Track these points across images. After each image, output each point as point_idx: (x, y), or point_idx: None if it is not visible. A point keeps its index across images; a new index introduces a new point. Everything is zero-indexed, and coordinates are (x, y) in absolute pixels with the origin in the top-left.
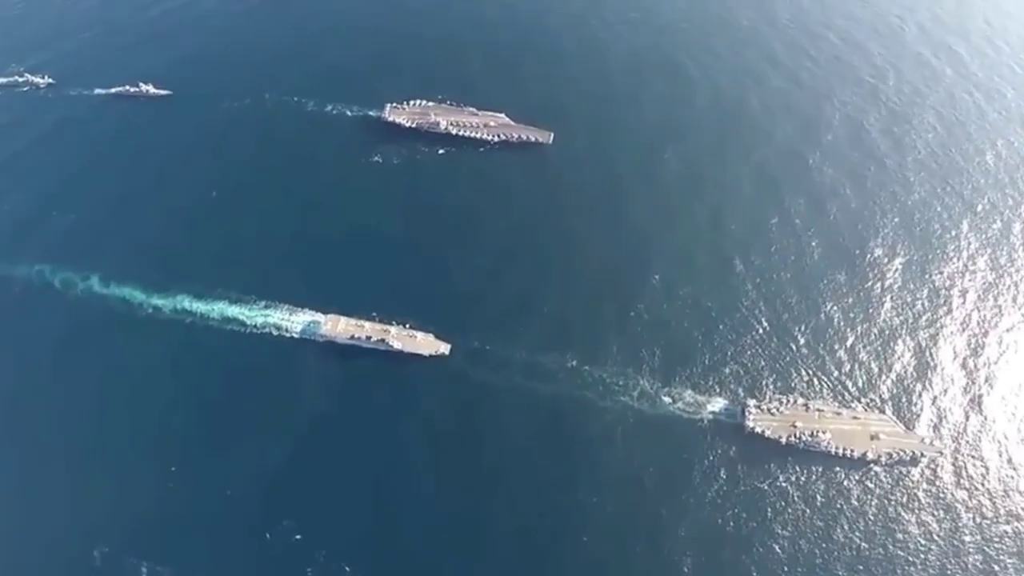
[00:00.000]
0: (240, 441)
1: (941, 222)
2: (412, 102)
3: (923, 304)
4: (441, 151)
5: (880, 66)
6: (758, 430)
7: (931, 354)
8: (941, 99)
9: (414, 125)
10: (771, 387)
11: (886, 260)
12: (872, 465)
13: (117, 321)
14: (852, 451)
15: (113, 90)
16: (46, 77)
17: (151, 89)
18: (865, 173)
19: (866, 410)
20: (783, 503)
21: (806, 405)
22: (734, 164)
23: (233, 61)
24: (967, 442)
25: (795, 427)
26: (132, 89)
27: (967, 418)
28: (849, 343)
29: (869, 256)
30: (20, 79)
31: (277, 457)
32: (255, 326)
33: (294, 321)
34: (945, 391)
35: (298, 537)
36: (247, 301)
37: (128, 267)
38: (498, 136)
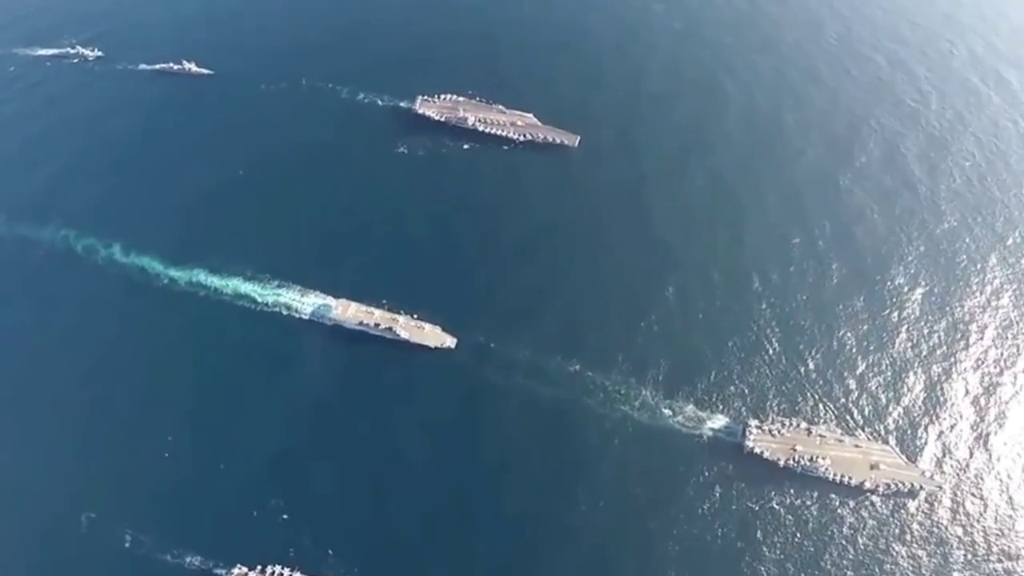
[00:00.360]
0: (239, 417)
1: (968, 253)
2: (443, 96)
3: (940, 337)
4: (466, 146)
5: (924, 90)
6: (757, 450)
7: (942, 388)
8: (984, 127)
9: (443, 119)
10: (775, 409)
11: (907, 289)
12: (869, 494)
13: (133, 290)
14: (850, 479)
15: (157, 66)
16: (95, 50)
17: (193, 68)
18: (895, 198)
19: (869, 439)
20: (775, 525)
21: (808, 430)
22: (762, 180)
23: (274, 46)
24: (969, 479)
25: (795, 450)
26: (175, 66)
27: (971, 455)
28: (859, 371)
29: (890, 283)
30: (72, 51)
31: (274, 436)
32: (266, 304)
33: (305, 302)
34: (952, 426)
35: (285, 517)
36: (261, 279)
37: (150, 238)
38: (524, 136)
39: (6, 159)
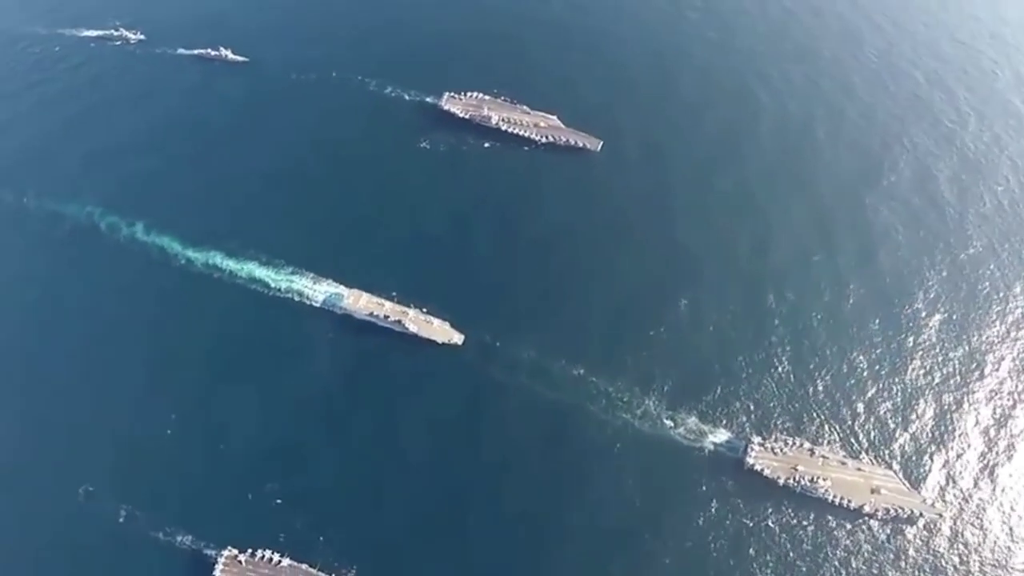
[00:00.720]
0: (243, 400)
1: (992, 281)
2: (469, 93)
3: (955, 365)
4: (487, 144)
5: (963, 110)
6: (758, 467)
7: (952, 417)
8: (1022, 151)
9: (467, 116)
10: (779, 427)
11: (925, 314)
12: (867, 518)
13: (151, 268)
14: (850, 502)
15: (195, 51)
16: (138, 33)
17: (229, 54)
18: (922, 220)
19: (872, 463)
20: (769, 543)
21: (811, 450)
22: (787, 195)
23: (309, 37)
24: (971, 509)
25: (796, 470)
26: (212, 52)
27: (976, 485)
28: (869, 394)
29: (908, 308)
30: (115, 33)
31: (276, 421)
32: (279, 290)
33: (317, 290)
34: (959, 456)
35: (279, 502)
36: (275, 265)
37: (172, 219)
38: (546, 137)
39: (45, 137)
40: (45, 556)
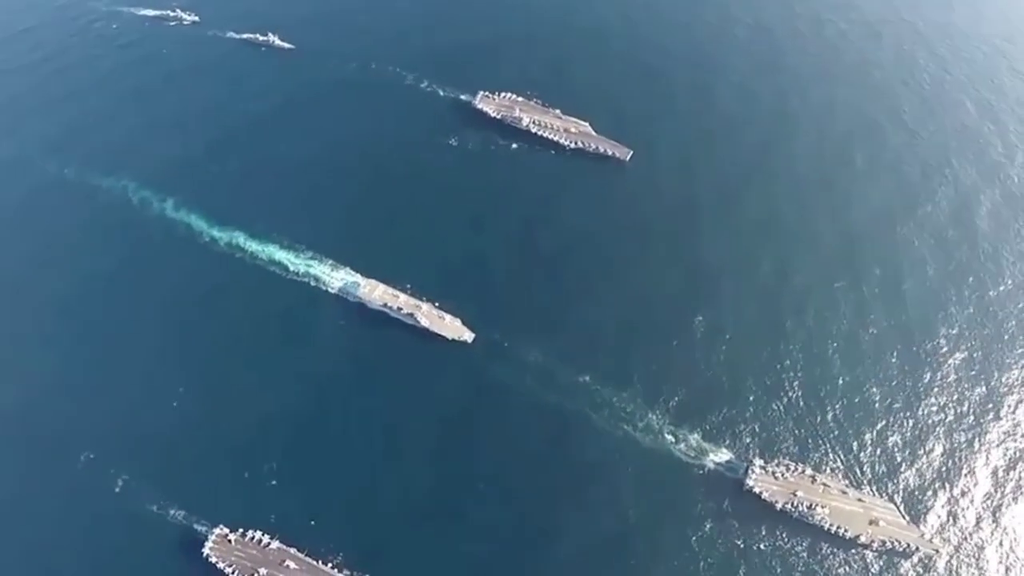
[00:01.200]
0: (251, 379)
1: (1020, 322)
2: (502, 94)
3: (971, 405)
4: (515, 146)
5: (1011, 143)
6: (756, 490)
7: (961, 456)
8: None
9: (499, 116)
10: (783, 452)
11: (946, 350)
12: (863, 549)
13: (175, 244)
14: (846, 531)
15: (245, 35)
16: (192, 15)
17: (276, 40)
18: (954, 253)
19: (873, 494)
20: (761, 567)
21: (813, 477)
22: (817, 218)
23: (354, 27)
24: (969, 547)
25: (795, 495)
26: (261, 38)
27: (978, 525)
28: (879, 427)
29: (930, 343)
30: (171, 13)
31: (280, 402)
32: (296, 274)
33: (334, 277)
34: (963, 494)
35: (274, 483)
36: (296, 249)
37: (201, 198)
38: (576, 143)
39: (95, 112)
40: (37, 520)
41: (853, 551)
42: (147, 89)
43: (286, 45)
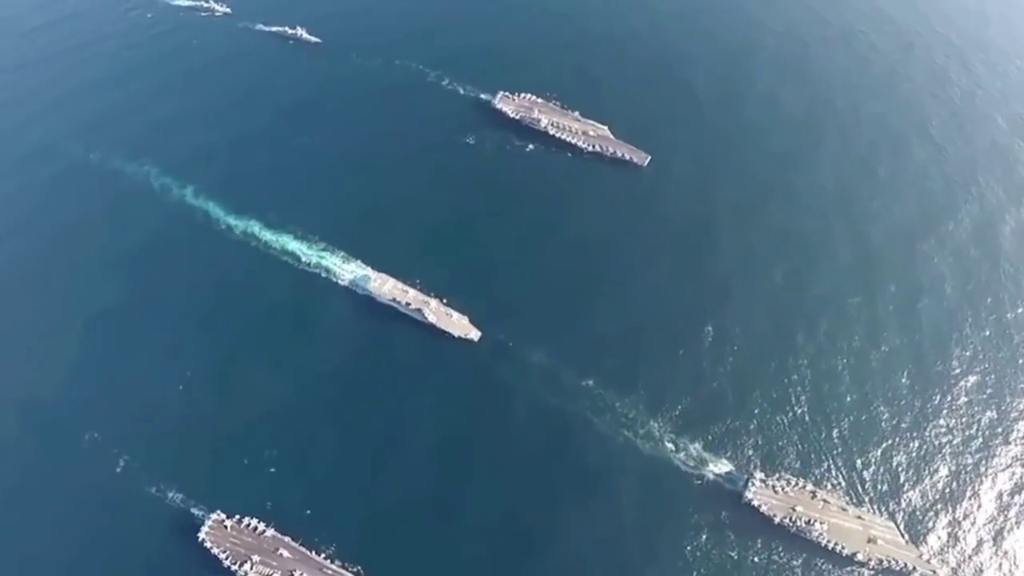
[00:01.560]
0: (257, 366)
1: None
2: (522, 95)
3: (979, 428)
4: (531, 147)
5: None
6: (755, 503)
7: (967, 479)
8: None
9: (517, 117)
10: (785, 466)
11: (959, 372)
12: (859, 567)
13: (192, 230)
14: (843, 548)
15: (274, 28)
16: (224, 6)
17: (304, 34)
18: (974, 273)
19: (873, 513)
20: None
21: (813, 492)
22: (835, 232)
23: (380, 23)
24: (968, 570)
25: (794, 510)
26: (289, 31)
27: (979, 548)
28: (884, 446)
29: (942, 365)
30: (204, 4)
31: (285, 391)
32: (308, 264)
33: (345, 269)
34: (966, 517)
35: (273, 470)
36: (309, 240)
37: (220, 186)
38: (593, 146)
39: (124, 99)
40: (38, 496)
41: (849, 568)
42: (175, 78)
43: (313, 39)
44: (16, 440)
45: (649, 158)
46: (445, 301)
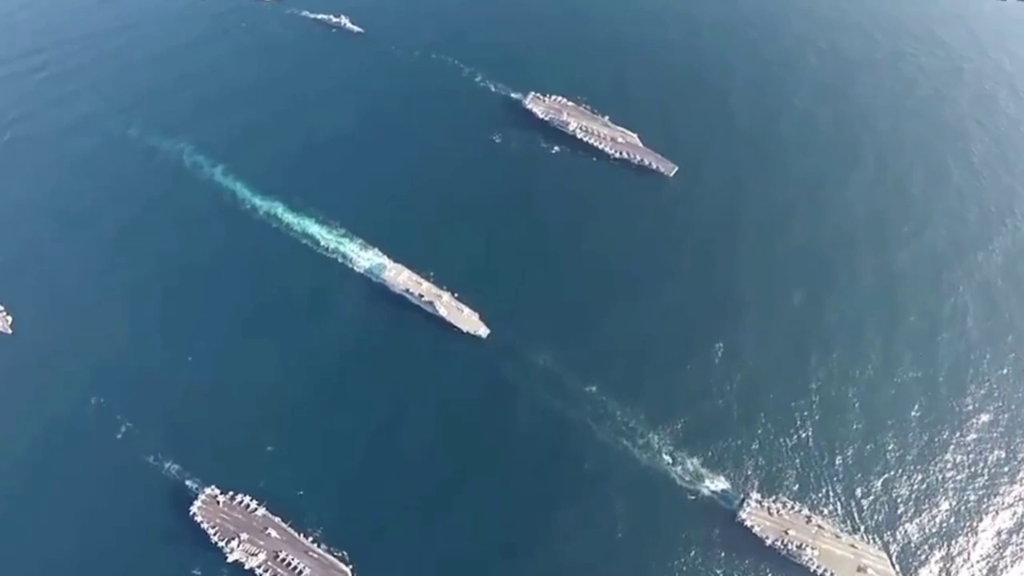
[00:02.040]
0: (266, 345)
1: None
2: (553, 96)
3: (985, 466)
4: (556, 149)
5: None
6: (748, 523)
7: (967, 515)
8: None
9: (546, 118)
10: (783, 489)
11: (971, 409)
12: None
13: (218, 207)
14: (833, 575)
15: (319, 16)
16: None
17: (348, 23)
18: (999, 307)
19: (867, 542)
20: None
21: (809, 517)
22: (859, 255)
23: (422, 17)
24: None
25: (786, 533)
26: (334, 19)
27: None
28: (886, 477)
29: (955, 400)
30: None
31: (290, 372)
32: (326, 249)
33: (362, 256)
34: (961, 553)
35: (270, 449)
36: (329, 225)
37: (249, 166)
38: (620, 153)
39: (167, 79)
40: (39, 457)
41: None
42: (220, 60)
43: (356, 28)
44: (23, 401)
45: (676, 168)
46: (457, 296)
